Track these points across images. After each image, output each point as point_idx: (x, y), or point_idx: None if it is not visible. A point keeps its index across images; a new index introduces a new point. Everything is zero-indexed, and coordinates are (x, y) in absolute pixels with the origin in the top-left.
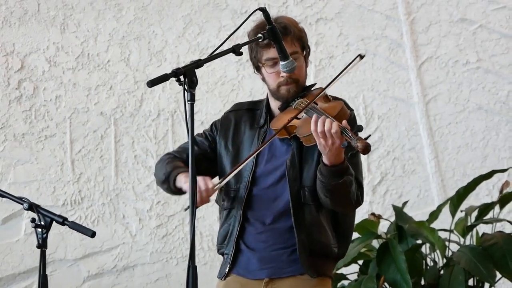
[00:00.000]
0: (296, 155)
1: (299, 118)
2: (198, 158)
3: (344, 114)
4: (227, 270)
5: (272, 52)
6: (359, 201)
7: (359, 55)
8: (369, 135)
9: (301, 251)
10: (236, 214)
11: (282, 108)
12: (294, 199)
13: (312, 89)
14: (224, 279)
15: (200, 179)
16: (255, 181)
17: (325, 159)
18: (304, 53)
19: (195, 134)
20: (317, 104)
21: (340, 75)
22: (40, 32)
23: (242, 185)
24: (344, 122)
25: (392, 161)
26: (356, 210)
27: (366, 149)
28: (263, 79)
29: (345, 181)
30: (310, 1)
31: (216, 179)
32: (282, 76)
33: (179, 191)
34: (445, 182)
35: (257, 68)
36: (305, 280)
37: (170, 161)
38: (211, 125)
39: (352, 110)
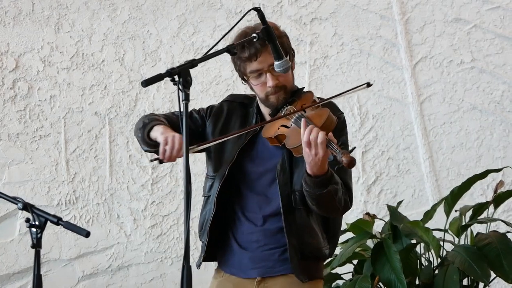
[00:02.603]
0: (286, 159)
1: (288, 127)
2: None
3: (330, 123)
4: (201, 259)
5: (255, 65)
6: (347, 206)
7: (367, 83)
8: (354, 147)
9: (292, 255)
10: (211, 203)
11: (273, 114)
12: (285, 203)
13: (303, 92)
14: (199, 268)
15: (177, 137)
16: (248, 183)
17: (308, 169)
18: (288, 57)
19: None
20: (305, 112)
21: (339, 95)
22: (35, 31)
23: (219, 175)
24: (330, 134)
25: (386, 161)
26: (351, 209)
27: (351, 163)
28: (251, 89)
29: (330, 191)
30: (304, 0)
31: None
32: (269, 86)
33: (150, 143)
34: (440, 181)
35: (243, 79)
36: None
37: (153, 115)
38: (208, 107)
39: (342, 113)
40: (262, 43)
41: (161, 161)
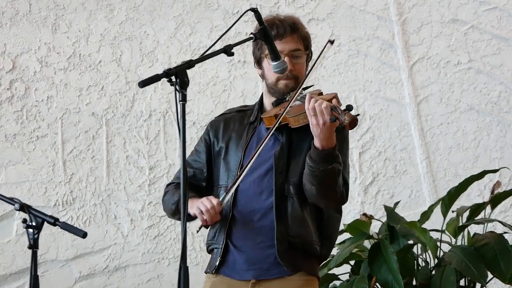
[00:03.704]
0: (285, 147)
1: (291, 106)
2: (197, 178)
3: (337, 100)
4: (217, 263)
5: (278, 45)
6: (343, 197)
7: (329, 40)
8: (358, 114)
9: (279, 242)
10: (227, 209)
11: (276, 104)
12: (278, 191)
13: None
14: (214, 273)
15: (205, 199)
16: (243, 177)
17: (316, 142)
18: (308, 51)
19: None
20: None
21: (317, 62)
22: (32, 32)
23: (230, 181)
24: (334, 100)
25: (383, 162)
26: (348, 210)
27: (353, 122)
28: (262, 75)
29: (334, 168)
30: (301, 1)
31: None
32: None
33: (191, 217)
34: (437, 182)
35: (258, 62)
36: (292, 281)
37: (176, 191)
38: (206, 128)
39: None
40: (293, 27)
41: (207, 226)
